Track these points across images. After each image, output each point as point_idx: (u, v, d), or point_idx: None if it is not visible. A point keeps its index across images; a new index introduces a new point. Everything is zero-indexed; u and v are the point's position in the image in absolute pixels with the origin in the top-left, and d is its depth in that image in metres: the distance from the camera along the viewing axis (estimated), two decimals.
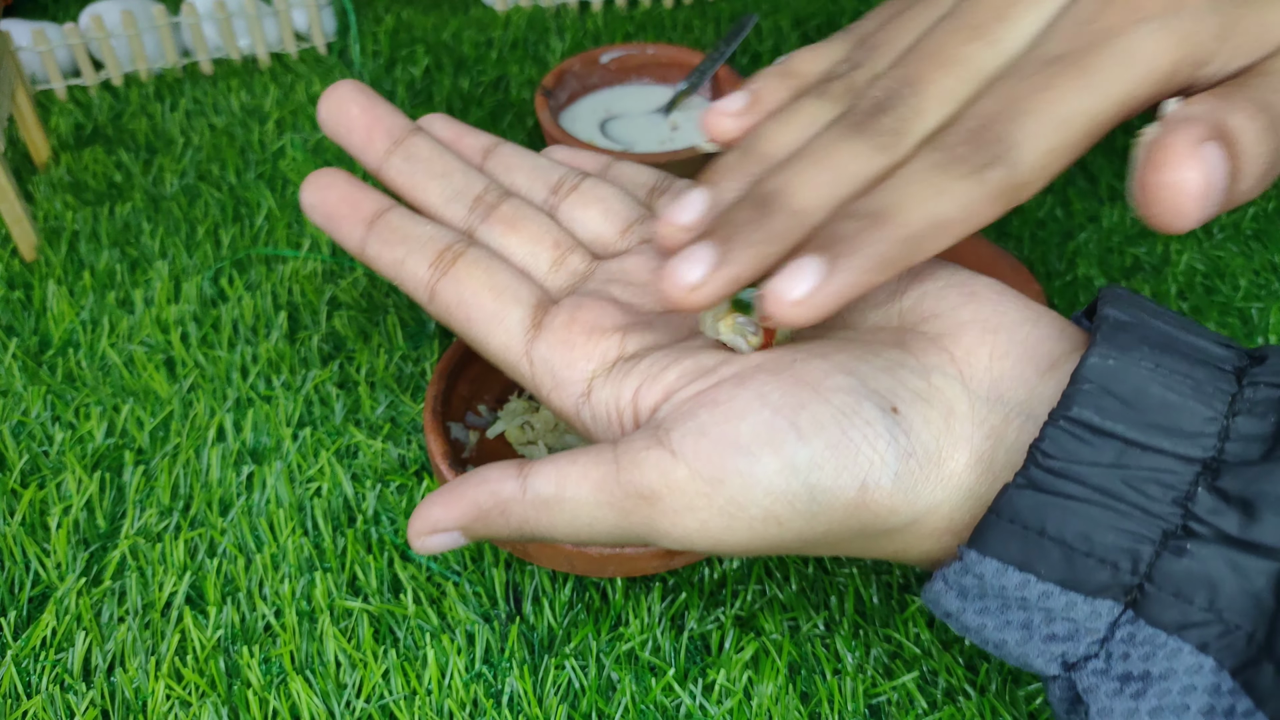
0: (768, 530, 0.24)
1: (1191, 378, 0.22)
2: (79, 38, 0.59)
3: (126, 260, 0.48)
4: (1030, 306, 0.26)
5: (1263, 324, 0.46)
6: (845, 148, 0.25)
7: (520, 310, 0.28)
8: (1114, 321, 0.23)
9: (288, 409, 0.41)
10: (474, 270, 0.29)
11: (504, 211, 0.31)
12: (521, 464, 0.26)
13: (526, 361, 0.28)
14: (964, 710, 0.32)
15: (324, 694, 0.32)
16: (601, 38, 0.65)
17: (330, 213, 0.30)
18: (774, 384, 0.24)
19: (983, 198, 0.23)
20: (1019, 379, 0.24)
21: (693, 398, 0.25)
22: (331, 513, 0.37)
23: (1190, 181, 0.22)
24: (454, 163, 0.32)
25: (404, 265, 0.29)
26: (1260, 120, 0.23)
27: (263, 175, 0.53)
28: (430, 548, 0.26)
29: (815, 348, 0.26)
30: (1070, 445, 0.22)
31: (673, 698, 0.32)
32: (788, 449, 0.23)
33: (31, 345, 0.44)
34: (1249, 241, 0.50)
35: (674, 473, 0.24)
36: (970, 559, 0.23)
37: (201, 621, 0.34)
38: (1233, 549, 0.21)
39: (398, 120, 0.32)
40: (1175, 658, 0.21)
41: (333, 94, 0.32)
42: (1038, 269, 0.49)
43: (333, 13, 0.64)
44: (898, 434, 0.23)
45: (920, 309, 0.26)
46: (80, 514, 0.37)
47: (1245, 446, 0.21)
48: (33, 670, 0.33)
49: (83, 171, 0.54)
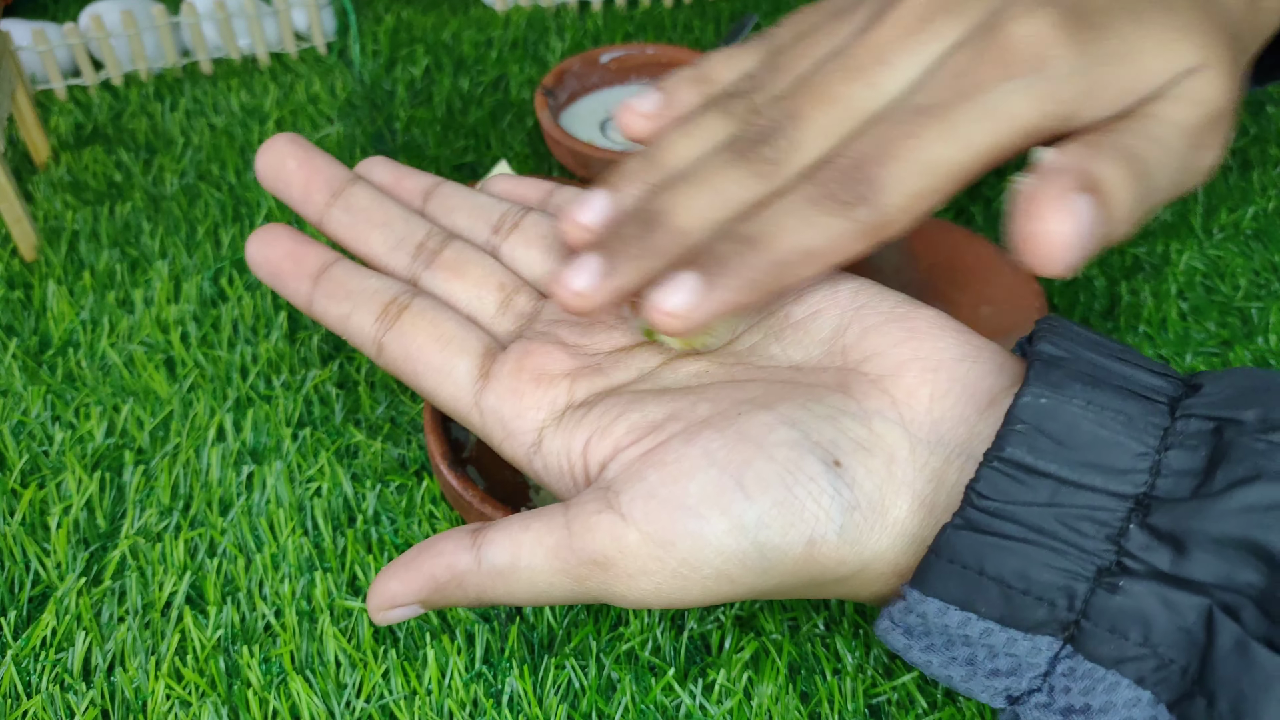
0: (720, 588, 0.24)
1: (1124, 413, 0.22)
2: (79, 38, 0.59)
3: (126, 260, 0.48)
4: (969, 342, 0.26)
5: (1263, 324, 0.46)
6: (728, 173, 0.27)
7: (467, 361, 0.28)
8: (1047, 358, 0.24)
9: (288, 409, 0.41)
10: (419, 322, 0.29)
11: (446, 257, 0.31)
12: (475, 532, 0.26)
13: (477, 412, 0.28)
14: (964, 710, 0.32)
15: (324, 694, 0.32)
16: (601, 38, 0.65)
17: (275, 270, 0.30)
18: (719, 440, 0.24)
19: (848, 233, 0.25)
20: (959, 419, 0.24)
21: (641, 457, 0.25)
22: (331, 513, 0.37)
23: (1062, 231, 0.24)
24: (394, 210, 0.32)
25: (350, 320, 0.29)
26: (1128, 169, 0.25)
27: None
28: (390, 620, 0.26)
29: (761, 397, 0.26)
30: (1005, 485, 0.22)
31: (673, 698, 0.32)
32: (735, 508, 0.23)
33: (31, 345, 0.44)
34: (1249, 241, 0.50)
35: (625, 537, 0.24)
36: (913, 599, 0.23)
37: (201, 621, 0.34)
38: (1164, 585, 0.21)
39: (336, 171, 0.32)
40: (1114, 691, 0.22)
41: (269, 149, 0.32)
42: None
43: (333, 13, 0.64)
44: (841, 488, 0.24)
45: (863, 346, 0.26)
46: (80, 514, 0.37)
47: (1176, 482, 0.22)
48: (33, 670, 0.33)
49: (83, 171, 0.54)
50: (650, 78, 0.58)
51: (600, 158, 0.50)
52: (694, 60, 0.33)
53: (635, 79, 0.58)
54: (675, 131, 0.29)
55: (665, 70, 0.58)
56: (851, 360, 0.26)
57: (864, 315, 0.27)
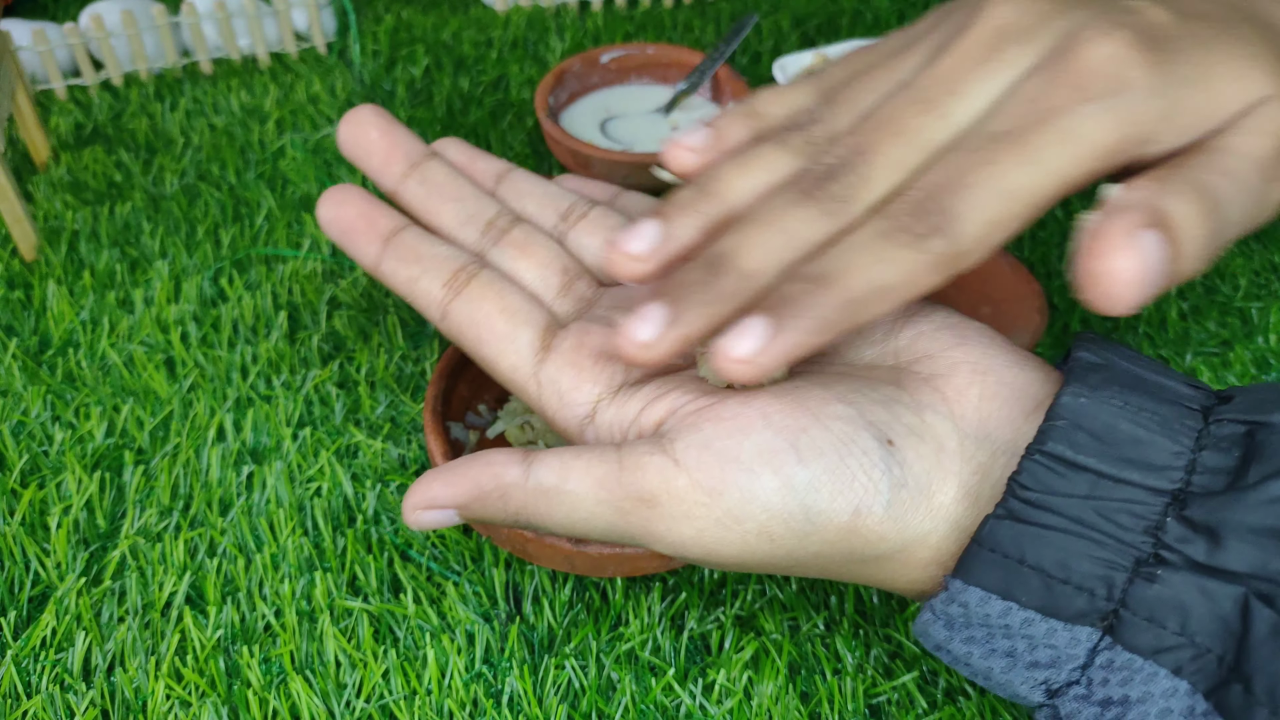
0: (760, 545, 0.25)
1: (1159, 415, 0.23)
2: (79, 38, 0.59)
3: (126, 260, 0.48)
4: (1016, 351, 0.27)
5: (1263, 324, 0.46)
6: (796, 213, 0.26)
7: (530, 332, 0.29)
8: (1086, 363, 0.24)
9: (288, 409, 0.41)
10: (487, 292, 0.30)
11: (515, 236, 0.32)
12: (527, 452, 0.27)
13: (535, 383, 0.29)
14: (964, 710, 0.32)
15: (324, 694, 0.32)
16: (601, 38, 0.65)
17: (346, 228, 0.31)
18: (777, 406, 0.25)
19: (924, 266, 0.24)
20: (1006, 419, 0.25)
21: (697, 411, 0.26)
22: (331, 513, 0.37)
23: (1127, 270, 0.23)
24: (468, 188, 0.33)
25: (418, 284, 0.30)
26: (1199, 204, 0.24)
27: (263, 175, 0.54)
28: (424, 523, 0.27)
29: (816, 378, 0.27)
30: (1046, 477, 0.23)
31: (673, 698, 0.32)
32: (787, 469, 0.24)
33: (31, 345, 0.44)
34: (1249, 241, 0.50)
35: (675, 480, 0.25)
36: (955, 588, 0.24)
37: (201, 621, 0.34)
38: (1201, 575, 0.22)
39: (415, 145, 0.33)
40: (1151, 682, 0.22)
41: (353, 118, 0.33)
42: (1038, 269, 0.49)
43: (333, 12, 0.64)
44: (892, 465, 0.24)
45: (915, 348, 0.27)
46: (80, 514, 0.37)
47: (1210, 478, 0.22)
48: (33, 670, 0.33)
49: (83, 171, 0.54)
50: (650, 78, 0.58)
51: (600, 157, 0.50)
52: (742, 96, 0.33)
53: (635, 79, 0.58)
54: (730, 164, 0.28)
55: (665, 70, 0.58)
56: (904, 360, 0.27)
57: (916, 323, 0.28)
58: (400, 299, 0.46)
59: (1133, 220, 0.23)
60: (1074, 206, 0.52)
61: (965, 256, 0.24)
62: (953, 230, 0.24)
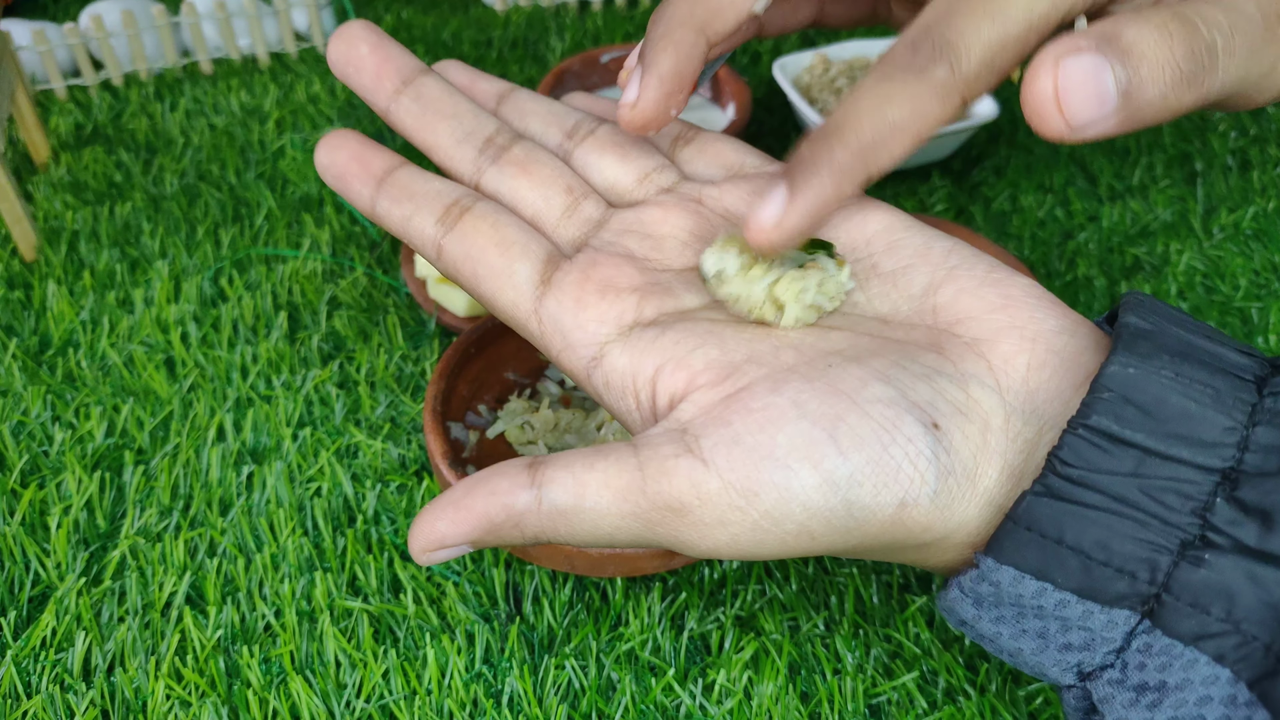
0: (799, 544, 0.23)
1: (1211, 387, 0.22)
2: (79, 38, 0.59)
3: (126, 260, 0.48)
4: (1067, 315, 0.25)
5: (1263, 324, 0.46)
6: (887, 85, 0.25)
7: (528, 265, 0.27)
8: (1134, 329, 0.23)
9: (288, 409, 0.41)
10: (480, 225, 0.28)
11: (515, 154, 0.30)
12: (533, 468, 0.24)
13: (535, 320, 0.27)
14: (964, 710, 0.32)
15: (324, 694, 0.32)
16: (601, 38, 0.65)
17: (340, 172, 0.30)
18: (810, 391, 0.23)
19: (930, 96, 0.23)
20: (1055, 392, 0.24)
21: (723, 401, 0.24)
22: (331, 513, 0.37)
23: (1057, 88, 0.22)
24: (465, 104, 0.31)
25: (411, 221, 0.29)
26: (1166, 31, 0.22)
27: (263, 175, 0.53)
28: (434, 560, 0.25)
29: (849, 349, 0.25)
30: (1089, 454, 0.22)
31: (673, 698, 0.32)
32: (827, 463, 0.22)
33: (31, 345, 0.44)
34: (1249, 241, 0.50)
35: (706, 484, 0.23)
36: (987, 566, 0.22)
37: (201, 621, 0.34)
38: (1251, 560, 0.21)
39: (408, 60, 0.31)
40: (1191, 668, 0.21)
41: (343, 33, 0.31)
42: (1038, 269, 0.49)
43: (333, 13, 0.64)
44: (939, 451, 0.23)
45: (956, 307, 0.25)
46: (80, 514, 0.37)
47: (1264, 457, 0.21)
48: (33, 670, 0.33)
49: (83, 171, 0.54)
50: None
51: None
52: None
53: None
54: None
55: None
56: (943, 320, 0.25)
57: (957, 276, 0.26)
58: (402, 290, 0.46)
59: (1075, 43, 0.22)
60: (1074, 205, 0.52)
61: (971, 83, 0.23)
62: (953, 55, 0.23)
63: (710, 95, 0.57)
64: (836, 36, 0.66)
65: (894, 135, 0.24)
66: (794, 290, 0.25)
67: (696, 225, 0.29)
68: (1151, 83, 0.22)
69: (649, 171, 0.30)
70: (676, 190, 0.30)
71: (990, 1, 0.23)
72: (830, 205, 0.24)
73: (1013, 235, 0.50)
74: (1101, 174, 0.54)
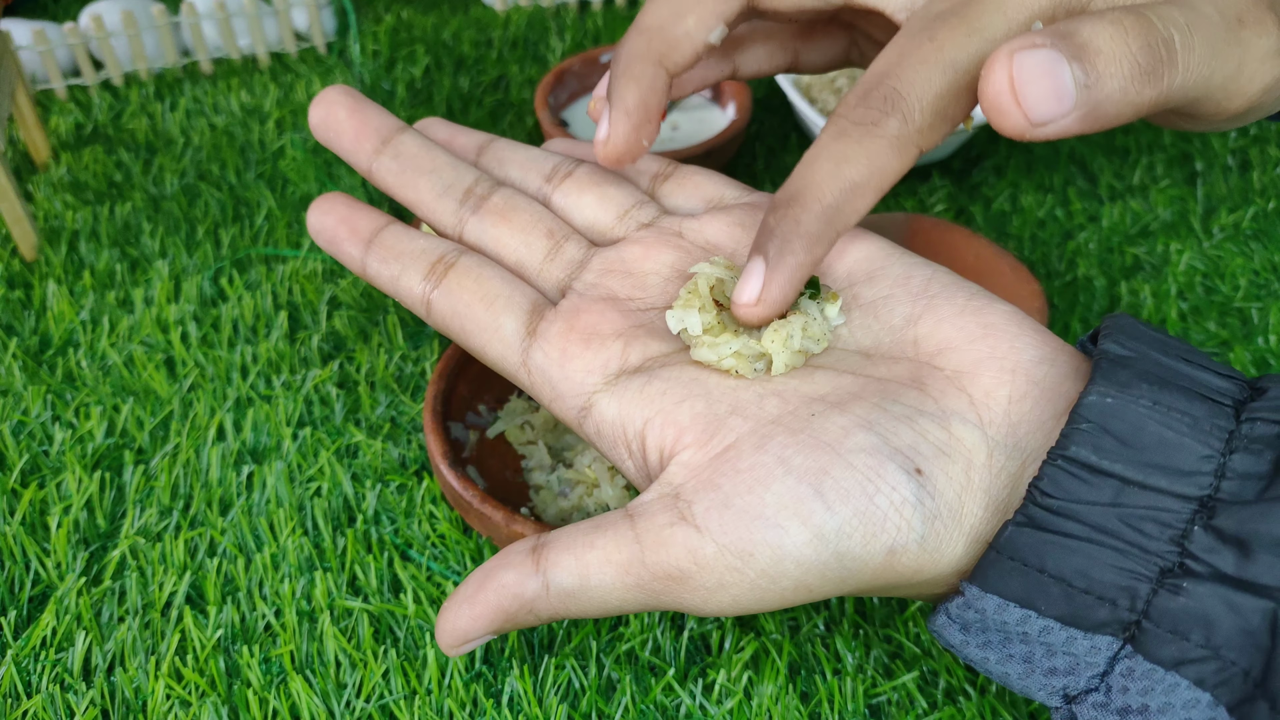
0: (798, 596, 0.24)
1: (1190, 415, 0.22)
2: (79, 37, 0.59)
3: (126, 260, 0.48)
4: (1047, 343, 0.25)
5: (1263, 324, 0.46)
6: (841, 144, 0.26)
7: (513, 318, 0.28)
8: (1113, 357, 0.23)
9: (288, 409, 0.41)
10: (464, 280, 0.29)
11: (495, 203, 0.30)
12: (535, 551, 0.25)
13: (524, 371, 0.28)
14: (964, 710, 0.32)
15: (324, 694, 0.32)
16: (601, 38, 0.65)
17: (331, 236, 0.31)
18: (794, 445, 0.24)
19: (885, 152, 0.24)
20: (1037, 423, 0.24)
21: (710, 463, 0.24)
22: (331, 512, 0.37)
23: (1010, 81, 0.22)
24: (443, 158, 0.31)
25: (400, 280, 0.29)
26: (1123, 28, 0.22)
27: (263, 175, 0.54)
28: (465, 651, 0.26)
29: (832, 393, 0.25)
30: (1068, 484, 0.22)
31: (673, 698, 0.32)
32: (816, 519, 0.23)
33: (31, 345, 0.44)
34: (1249, 241, 0.50)
35: (702, 550, 0.23)
36: (972, 594, 0.23)
37: (201, 621, 0.34)
38: (1229, 587, 0.21)
39: (386, 121, 0.32)
40: (1173, 693, 0.21)
41: (322, 99, 0.31)
42: (1038, 269, 0.49)
43: (333, 12, 0.64)
44: (924, 497, 0.23)
45: (936, 338, 0.26)
46: (80, 514, 0.37)
47: (1241, 485, 0.22)
48: (33, 670, 0.33)
49: (83, 171, 0.54)
50: None
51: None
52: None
53: None
54: None
55: None
56: (924, 353, 0.26)
57: (937, 306, 0.26)
58: None
59: (1030, 39, 0.22)
60: (1074, 205, 0.52)
61: (925, 134, 0.24)
62: (905, 109, 0.24)
63: (710, 95, 0.57)
64: None
65: (856, 195, 0.24)
66: (780, 339, 0.26)
67: (678, 260, 0.29)
68: (1109, 76, 0.22)
69: (629, 208, 0.31)
70: (657, 225, 0.30)
71: (939, 50, 0.24)
72: (806, 271, 0.25)
73: (1013, 235, 0.51)
74: (1101, 174, 0.54)
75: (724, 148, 0.51)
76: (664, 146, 0.54)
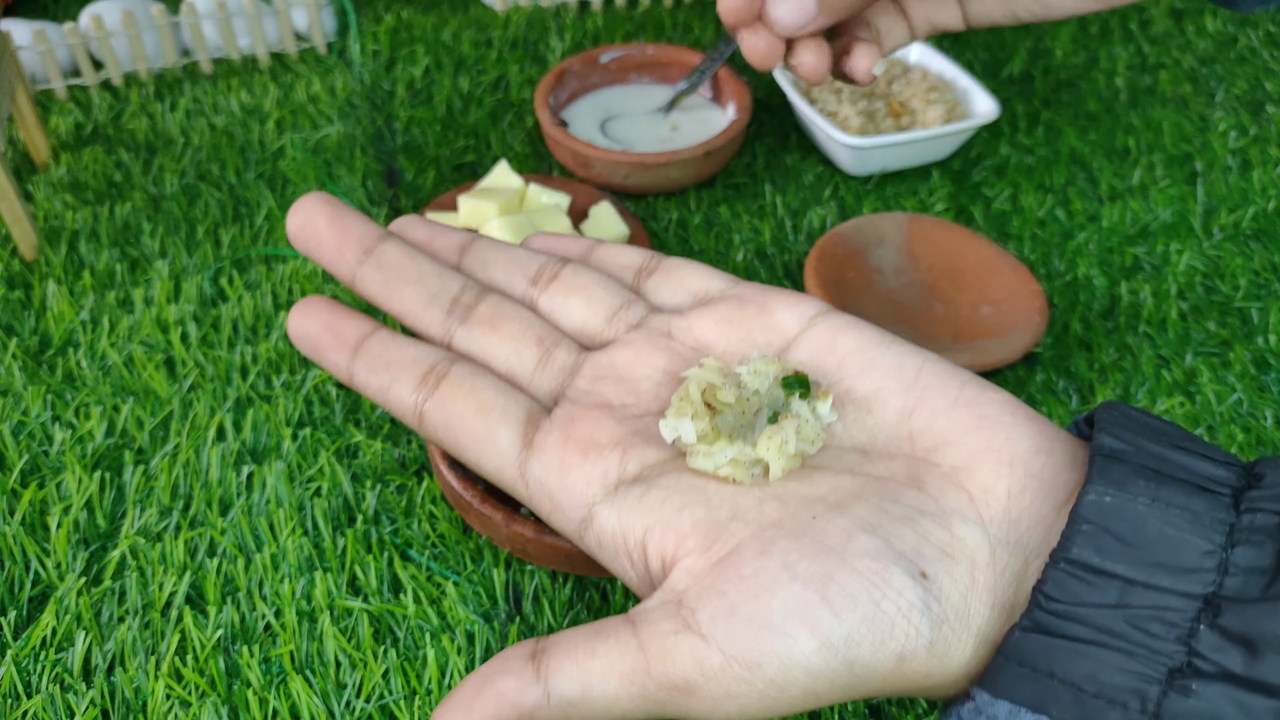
0: (807, 704, 0.23)
1: (1189, 509, 0.22)
2: (79, 37, 0.59)
3: (126, 260, 0.48)
4: (1042, 432, 0.25)
5: (1263, 324, 0.46)
6: None
7: (509, 430, 0.27)
8: (1109, 452, 0.23)
9: (288, 409, 0.41)
10: (457, 391, 0.28)
11: (482, 312, 0.30)
12: (535, 657, 0.24)
13: (522, 483, 0.27)
14: None
15: (324, 694, 0.32)
16: (601, 38, 0.65)
17: (315, 343, 0.29)
18: (798, 551, 0.23)
19: None
20: (1037, 517, 0.24)
21: (713, 569, 0.24)
22: (331, 513, 0.37)
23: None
24: (427, 265, 0.31)
25: (390, 391, 0.28)
26: None
27: (263, 175, 0.54)
28: None
29: (831, 494, 0.25)
30: (1072, 586, 0.22)
31: None
32: (824, 626, 0.23)
33: (31, 345, 0.44)
34: (1249, 241, 0.50)
35: (709, 660, 0.23)
36: (982, 700, 0.23)
37: (201, 621, 0.34)
38: (1238, 688, 0.21)
39: (367, 229, 0.31)
40: None
41: (299, 208, 0.30)
42: (1038, 269, 0.49)
43: (333, 12, 0.64)
44: (930, 601, 0.23)
45: (932, 432, 0.26)
46: (80, 514, 0.37)
47: (1245, 580, 0.22)
48: (33, 670, 0.33)
49: (83, 171, 0.54)
50: (650, 77, 0.58)
51: (600, 157, 0.50)
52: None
53: (635, 79, 0.58)
54: None
55: (665, 70, 0.58)
56: (921, 448, 0.26)
57: (930, 397, 0.26)
58: None
59: None
60: (1074, 205, 0.52)
61: None
62: None
63: (711, 95, 0.57)
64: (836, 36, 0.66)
65: None
66: (775, 445, 0.25)
67: (669, 363, 0.29)
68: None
69: (616, 309, 0.30)
70: (646, 325, 0.30)
71: None
72: None
73: (1013, 235, 0.51)
74: (1101, 174, 0.54)
75: (724, 148, 0.51)
76: (664, 146, 0.54)
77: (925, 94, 0.55)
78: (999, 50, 0.65)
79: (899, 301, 0.45)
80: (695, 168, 0.51)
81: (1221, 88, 0.61)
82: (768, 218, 0.51)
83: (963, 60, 0.64)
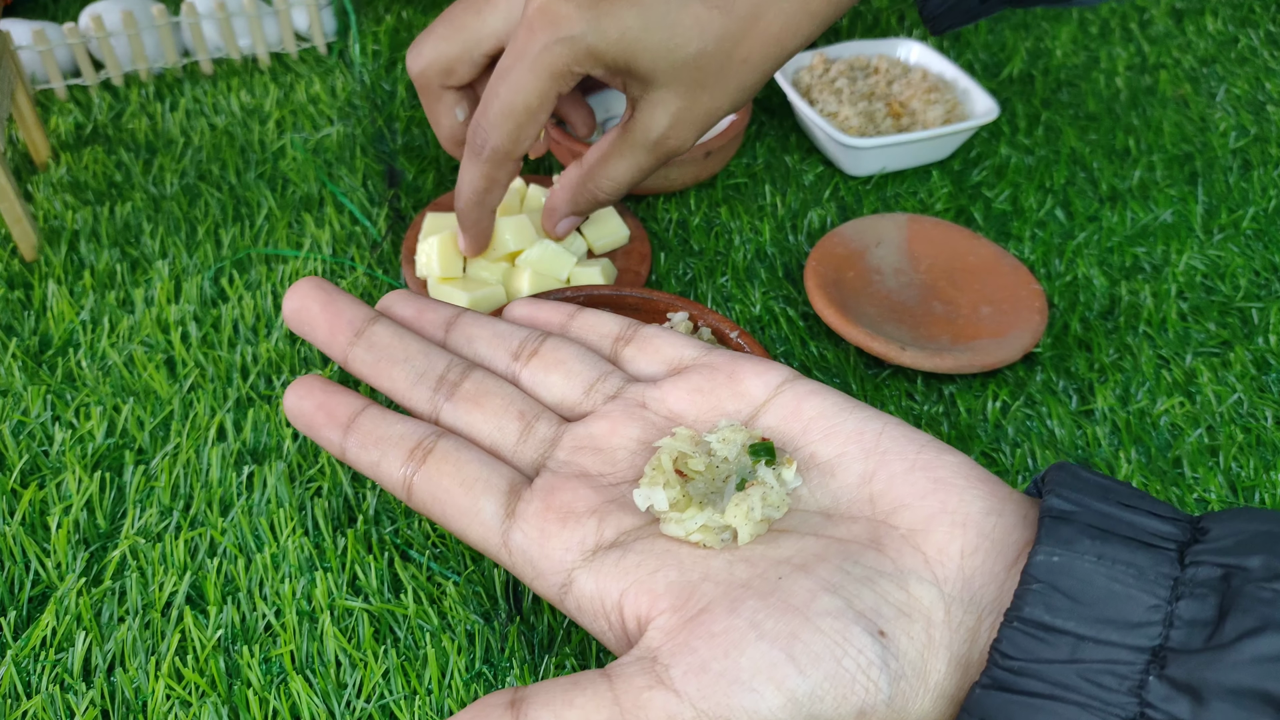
0: None
1: (1134, 565, 0.23)
2: (79, 37, 0.59)
3: (126, 260, 0.48)
4: (994, 493, 0.27)
5: (1263, 324, 0.46)
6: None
7: (492, 501, 0.29)
8: (1056, 513, 0.25)
9: None
10: (443, 466, 0.30)
11: (467, 389, 0.32)
12: (515, 708, 0.25)
13: (505, 552, 0.28)
14: None
15: (324, 694, 0.32)
16: None
17: (309, 421, 0.31)
18: (765, 610, 0.25)
19: (482, 171, 0.40)
20: (989, 575, 0.25)
21: (684, 626, 0.25)
22: (332, 513, 0.37)
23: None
24: (414, 345, 0.33)
25: (380, 467, 0.30)
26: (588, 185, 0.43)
27: (263, 175, 0.54)
28: None
29: (797, 555, 0.26)
30: (1026, 644, 0.23)
31: None
32: (789, 683, 0.24)
33: (31, 345, 0.44)
34: (1249, 241, 0.50)
35: (681, 714, 0.24)
36: None
37: (201, 621, 0.34)
38: None
39: (358, 311, 0.33)
40: None
41: (294, 294, 0.33)
42: (1038, 269, 0.49)
43: (333, 12, 0.64)
44: (888, 659, 0.24)
45: (890, 495, 0.27)
46: (80, 514, 0.37)
47: (1189, 633, 0.22)
48: (33, 670, 0.33)
49: (83, 171, 0.54)
50: None
51: None
52: None
53: None
54: None
55: None
56: (880, 511, 0.27)
57: (889, 461, 0.28)
58: None
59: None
60: (1074, 205, 0.52)
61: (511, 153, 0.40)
62: (491, 142, 0.39)
63: None
64: (836, 36, 0.66)
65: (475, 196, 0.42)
66: (743, 512, 0.27)
67: (643, 432, 0.30)
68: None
69: (594, 382, 0.32)
70: (622, 396, 0.32)
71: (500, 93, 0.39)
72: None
73: (1013, 235, 0.51)
74: (1101, 174, 0.54)
75: (724, 148, 0.51)
76: None
77: (925, 94, 0.55)
78: (999, 50, 0.65)
79: (899, 301, 0.45)
80: (695, 168, 0.51)
81: (1221, 88, 0.61)
82: (768, 218, 0.51)
83: (962, 60, 0.64)
